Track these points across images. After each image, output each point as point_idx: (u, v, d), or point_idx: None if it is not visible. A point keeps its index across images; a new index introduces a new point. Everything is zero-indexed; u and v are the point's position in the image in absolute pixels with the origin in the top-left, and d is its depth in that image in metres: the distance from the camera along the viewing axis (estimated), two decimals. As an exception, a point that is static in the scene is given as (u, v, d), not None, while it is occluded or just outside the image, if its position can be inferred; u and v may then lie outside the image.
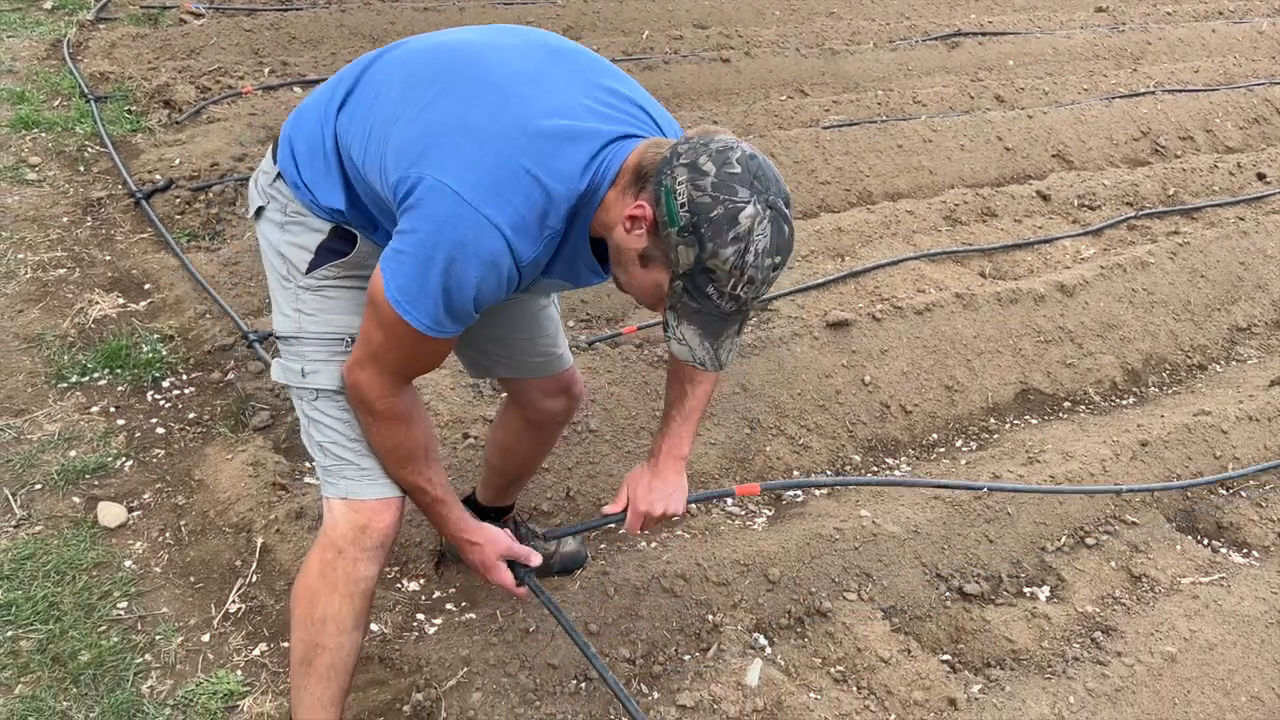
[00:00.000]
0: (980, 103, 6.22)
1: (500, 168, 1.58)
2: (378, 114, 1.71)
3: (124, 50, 6.06)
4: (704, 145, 1.54)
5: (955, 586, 2.68)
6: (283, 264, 1.87)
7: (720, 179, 1.51)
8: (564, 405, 2.32)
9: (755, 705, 2.25)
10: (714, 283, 1.55)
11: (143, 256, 4.03)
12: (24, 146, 4.87)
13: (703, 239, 1.52)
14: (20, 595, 2.45)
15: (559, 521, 2.84)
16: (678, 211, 1.52)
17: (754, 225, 1.52)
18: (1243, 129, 6.28)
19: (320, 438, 1.88)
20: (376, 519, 1.87)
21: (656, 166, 1.56)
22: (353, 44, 6.41)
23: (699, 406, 2.04)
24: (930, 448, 3.39)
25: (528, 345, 2.21)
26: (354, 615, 1.90)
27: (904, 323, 3.60)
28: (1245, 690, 2.38)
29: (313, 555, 1.90)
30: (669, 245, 1.55)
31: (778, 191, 1.56)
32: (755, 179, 1.53)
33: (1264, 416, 3.33)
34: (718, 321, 1.63)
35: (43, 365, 3.33)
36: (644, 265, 1.62)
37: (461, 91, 1.65)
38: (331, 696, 1.93)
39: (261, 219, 1.90)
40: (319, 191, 1.80)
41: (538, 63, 1.71)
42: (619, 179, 1.63)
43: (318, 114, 1.81)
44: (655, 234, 1.57)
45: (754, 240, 1.52)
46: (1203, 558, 2.85)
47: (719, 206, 1.51)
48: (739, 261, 1.53)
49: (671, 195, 1.52)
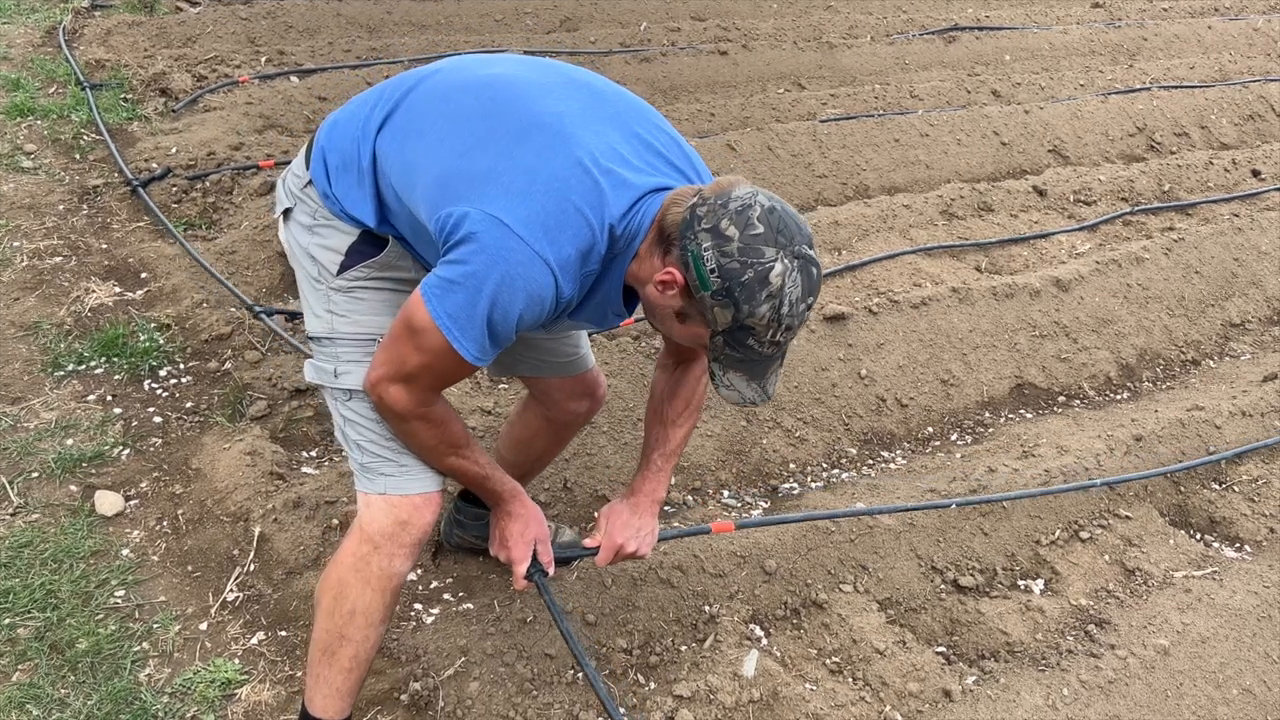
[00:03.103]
0: (977, 98, 6.23)
1: (551, 205, 1.62)
2: (422, 145, 1.74)
3: (120, 38, 6.04)
4: (723, 207, 1.58)
5: (950, 579, 2.69)
6: (313, 265, 1.90)
7: (745, 242, 1.56)
8: (587, 407, 2.35)
9: (751, 696, 2.26)
10: (753, 336, 1.62)
11: (139, 245, 4.02)
12: (19, 134, 4.85)
13: (737, 301, 1.58)
14: (18, 583, 2.45)
15: (556, 512, 2.85)
16: (709, 277, 1.58)
17: (784, 281, 1.57)
18: (1238, 126, 6.30)
19: (357, 436, 1.90)
20: (417, 515, 1.89)
21: (678, 229, 1.61)
22: (349, 33, 6.40)
23: (678, 450, 2.12)
24: (925, 441, 3.40)
25: (552, 345, 2.22)
26: (383, 610, 1.92)
27: (900, 316, 3.61)
28: (1237, 683, 2.40)
29: (346, 548, 1.91)
30: (704, 307, 1.62)
31: (802, 238, 1.60)
32: (779, 234, 1.58)
33: (1257, 411, 3.35)
34: (761, 364, 1.69)
35: (39, 353, 3.33)
36: (682, 321, 1.70)
37: (510, 129, 1.69)
38: (350, 687, 1.96)
39: (289, 220, 1.93)
40: (349, 204, 1.84)
41: (582, 104, 1.75)
42: (650, 232, 1.68)
43: (355, 130, 1.83)
44: (689, 296, 1.63)
45: (786, 294, 1.58)
46: (1195, 551, 2.87)
47: (749, 270, 1.56)
48: (775, 316, 1.59)
49: (700, 261, 1.58)
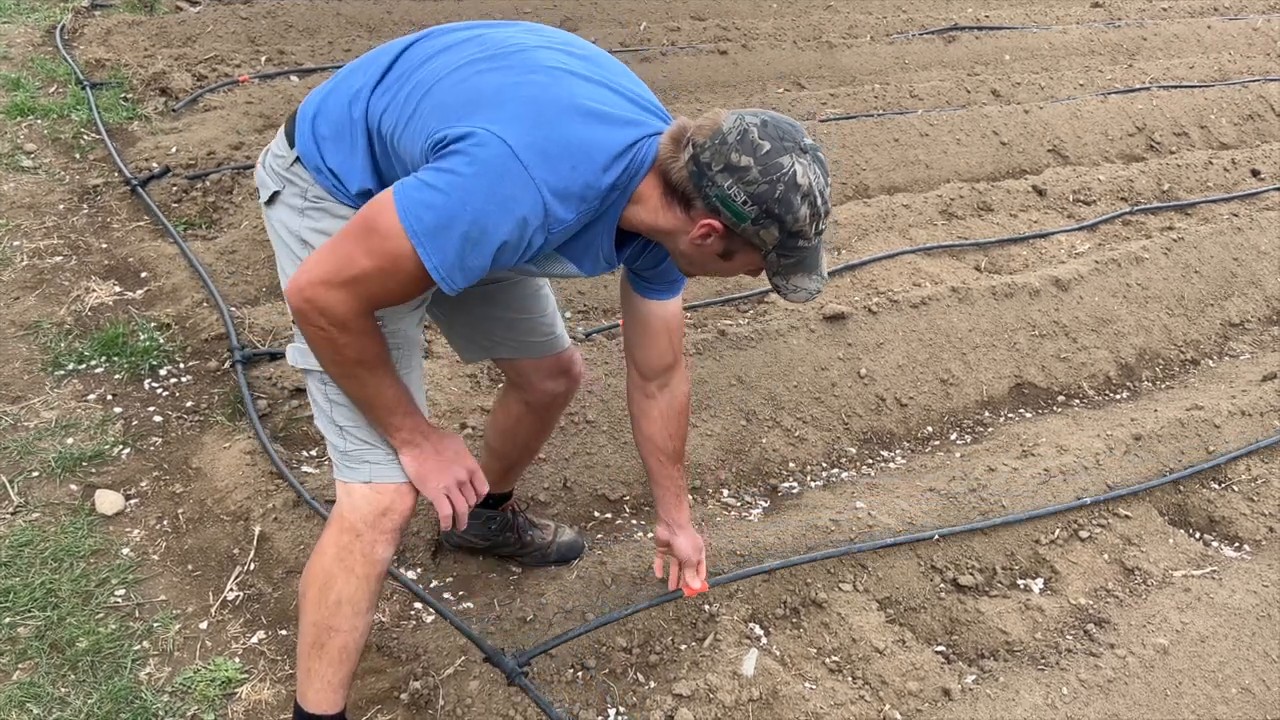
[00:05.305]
0: (976, 97, 6.23)
1: (554, 134, 1.62)
2: (423, 76, 1.72)
3: (120, 37, 6.04)
4: (723, 144, 1.61)
5: (950, 578, 2.70)
6: (303, 249, 1.84)
7: (762, 164, 1.60)
8: (564, 386, 2.34)
9: (751, 695, 2.26)
10: (802, 237, 1.66)
11: (139, 244, 4.02)
12: (19, 133, 4.85)
13: (780, 217, 1.62)
14: (18, 582, 2.45)
15: (556, 511, 2.86)
16: (744, 210, 1.62)
17: (810, 178, 1.62)
18: (1237, 125, 6.30)
19: (343, 421, 1.87)
20: (399, 502, 1.88)
21: (691, 182, 1.63)
22: (349, 33, 6.40)
23: (684, 483, 2.28)
24: (925, 440, 3.41)
25: (529, 325, 2.22)
26: (369, 597, 1.91)
27: (900, 316, 3.62)
28: (1236, 682, 2.41)
29: (327, 539, 1.90)
30: (749, 236, 1.66)
31: (798, 132, 1.66)
32: (783, 140, 1.62)
33: (1256, 411, 3.35)
34: (813, 254, 1.73)
35: (39, 353, 3.33)
36: (729, 259, 1.73)
37: (512, 69, 1.69)
38: (341, 679, 1.94)
39: (276, 204, 1.87)
40: (345, 175, 1.78)
41: (573, 64, 1.75)
42: (651, 173, 1.69)
43: (347, 94, 1.79)
44: (730, 235, 1.67)
45: (815, 188, 1.63)
46: (1195, 551, 2.87)
47: (778, 186, 1.60)
48: (814, 210, 1.64)
49: (730, 201, 1.62)
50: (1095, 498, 2.92)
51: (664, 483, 2.22)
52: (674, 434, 2.18)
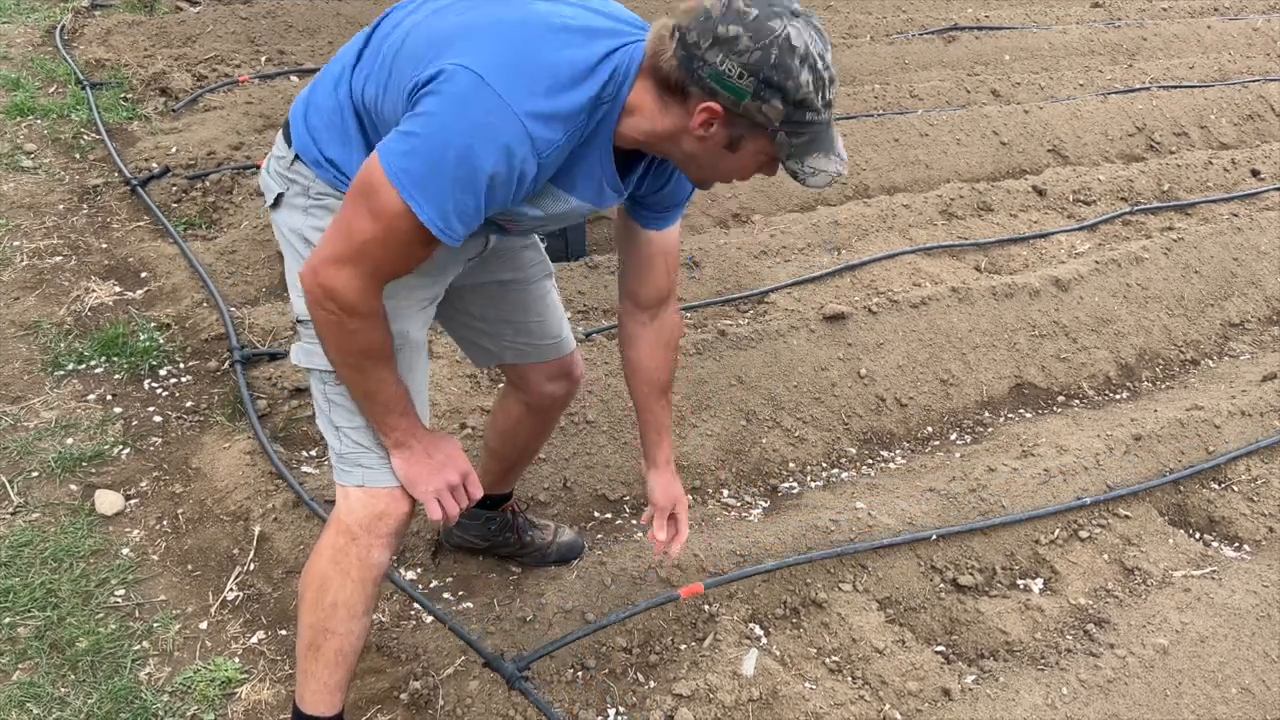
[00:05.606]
0: (976, 97, 6.23)
1: (523, 53, 1.57)
2: (394, 39, 1.70)
3: (120, 37, 6.04)
4: (709, 19, 1.54)
5: (949, 578, 2.70)
6: (306, 248, 1.83)
7: (751, 30, 1.52)
8: (565, 389, 2.33)
9: (751, 695, 2.26)
10: (808, 108, 1.57)
11: (139, 244, 4.02)
12: (19, 133, 4.85)
13: (779, 84, 1.53)
14: (18, 582, 2.45)
15: (556, 511, 2.86)
16: (740, 85, 1.54)
17: (805, 40, 1.54)
18: (1237, 125, 6.30)
19: (341, 422, 1.86)
20: (394, 506, 1.87)
21: (681, 68, 1.56)
22: (349, 33, 6.40)
23: (668, 421, 2.22)
24: (925, 440, 3.41)
25: (539, 327, 2.21)
26: (365, 601, 1.90)
27: (900, 316, 3.62)
28: (1235, 682, 2.41)
29: (324, 541, 1.89)
30: (752, 114, 1.57)
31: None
32: (771, 5, 1.55)
33: (1256, 411, 3.35)
34: (826, 131, 1.64)
35: (39, 353, 3.33)
36: (736, 149, 1.64)
37: (476, 5, 1.66)
38: (338, 681, 1.94)
39: (281, 206, 1.86)
40: (345, 164, 1.76)
41: None
42: (640, 79, 1.63)
43: (330, 82, 1.78)
44: (732, 117, 1.58)
45: (811, 50, 1.54)
46: (1195, 551, 2.87)
47: (772, 50, 1.52)
48: (816, 75, 1.55)
49: (724, 77, 1.53)
50: (1095, 498, 2.93)
51: (646, 416, 2.18)
52: (661, 365, 2.14)
